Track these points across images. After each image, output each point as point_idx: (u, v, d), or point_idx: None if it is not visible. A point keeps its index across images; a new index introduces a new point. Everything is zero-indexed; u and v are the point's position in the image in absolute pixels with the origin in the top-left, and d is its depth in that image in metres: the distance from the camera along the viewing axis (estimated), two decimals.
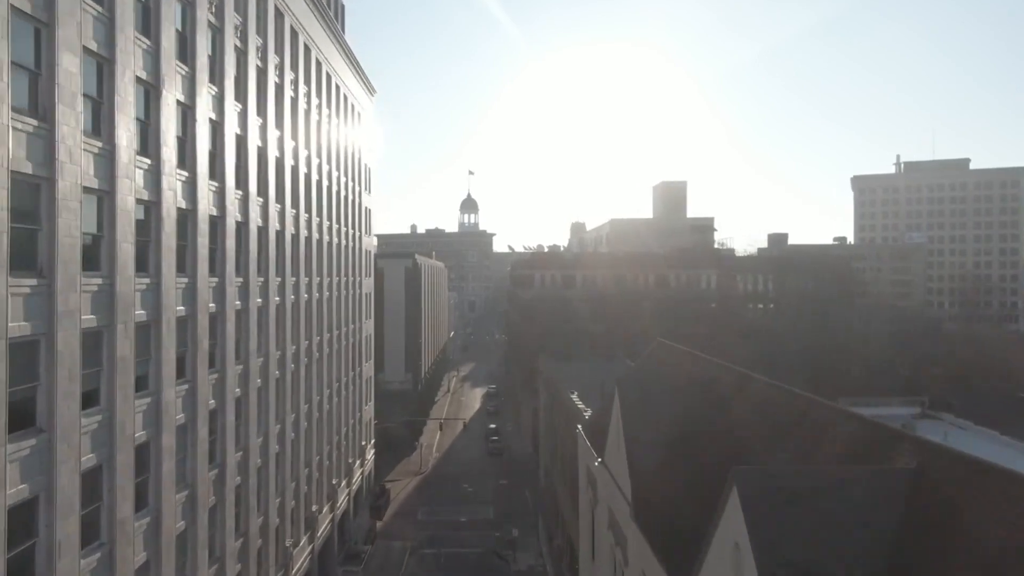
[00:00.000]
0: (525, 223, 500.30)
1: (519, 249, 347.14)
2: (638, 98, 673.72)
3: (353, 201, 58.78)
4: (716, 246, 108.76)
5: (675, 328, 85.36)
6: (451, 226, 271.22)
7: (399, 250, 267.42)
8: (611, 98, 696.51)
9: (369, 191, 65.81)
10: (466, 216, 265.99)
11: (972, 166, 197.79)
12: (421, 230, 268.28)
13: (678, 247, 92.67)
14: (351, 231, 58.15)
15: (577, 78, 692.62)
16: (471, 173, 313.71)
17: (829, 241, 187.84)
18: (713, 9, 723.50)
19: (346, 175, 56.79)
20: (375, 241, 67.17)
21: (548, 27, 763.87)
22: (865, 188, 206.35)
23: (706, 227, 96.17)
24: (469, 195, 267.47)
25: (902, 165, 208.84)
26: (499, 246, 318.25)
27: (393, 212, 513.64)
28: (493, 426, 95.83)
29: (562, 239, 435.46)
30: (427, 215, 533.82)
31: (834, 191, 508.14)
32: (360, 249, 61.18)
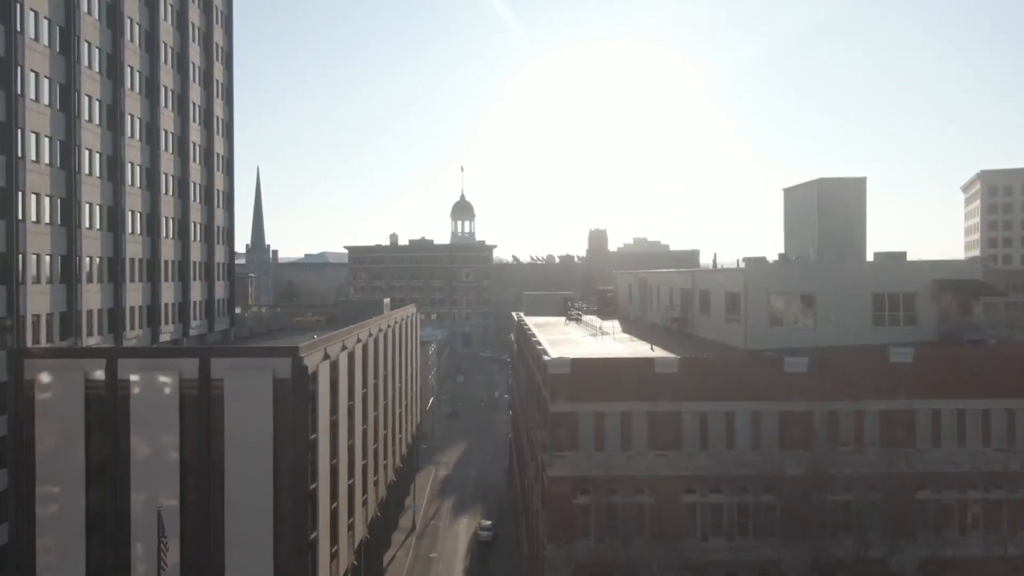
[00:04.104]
0: (531, 232, 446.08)
1: (524, 260, 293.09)
2: (645, 97, 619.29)
3: None
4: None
5: None
6: (443, 237, 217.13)
7: (373, 265, 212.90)
8: (616, 98, 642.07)
9: None
10: (459, 223, 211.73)
11: None
12: (404, 241, 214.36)
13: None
14: None
15: (580, 78, 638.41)
16: (463, 169, 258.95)
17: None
18: (719, 5, 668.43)
19: None
20: None
21: (549, 26, 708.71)
22: (998, 187, 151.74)
23: (975, 284, 41.58)
24: (463, 197, 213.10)
25: None
26: (501, 256, 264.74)
27: (381, 223, 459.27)
28: None
29: (577, 248, 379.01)
30: (422, 227, 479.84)
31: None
32: None
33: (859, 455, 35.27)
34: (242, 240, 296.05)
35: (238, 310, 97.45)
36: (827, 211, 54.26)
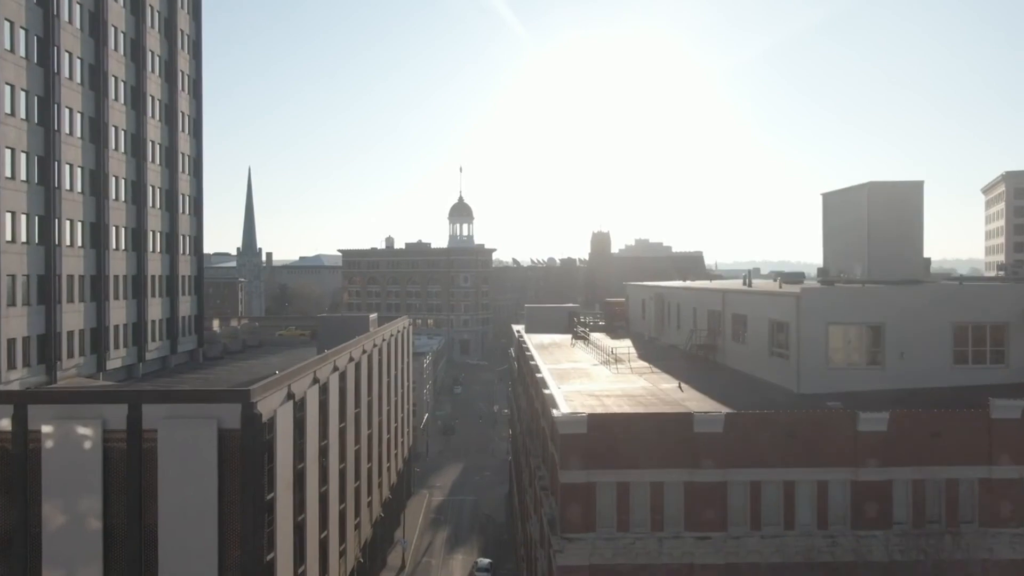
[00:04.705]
0: (531, 234, 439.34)
1: (525, 263, 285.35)
2: (646, 97, 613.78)
3: None
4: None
5: None
6: (440, 240, 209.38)
7: (368, 269, 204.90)
8: (618, 98, 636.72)
9: None
10: (457, 226, 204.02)
11: None
12: (400, 244, 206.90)
13: None
14: None
15: (581, 78, 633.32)
16: (461, 170, 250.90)
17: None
18: (719, 6, 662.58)
19: None
20: None
21: (550, 26, 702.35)
22: None
23: None
24: (461, 199, 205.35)
25: None
26: (500, 258, 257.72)
27: (379, 224, 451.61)
28: None
29: (579, 251, 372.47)
30: (419, 230, 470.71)
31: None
32: None
33: (954, 536, 27.66)
34: (233, 243, 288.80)
35: (216, 325, 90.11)
36: (878, 220, 46.63)
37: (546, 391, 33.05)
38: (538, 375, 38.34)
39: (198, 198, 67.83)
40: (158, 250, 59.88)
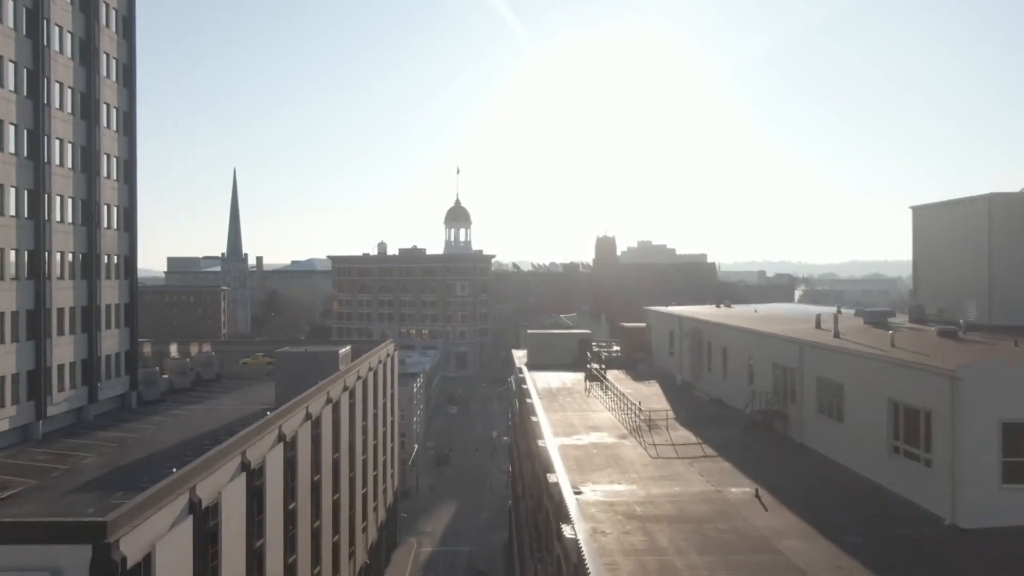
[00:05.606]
0: (531, 237, 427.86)
1: (525, 268, 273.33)
2: (648, 97, 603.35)
3: None
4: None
5: None
6: (436, 246, 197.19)
7: (358, 277, 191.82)
8: (619, 100, 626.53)
9: None
10: (454, 231, 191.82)
11: None
12: (393, 250, 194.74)
13: None
14: None
15: (581, 79, 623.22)
16: (458, 172, 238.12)
17: None
18: (720, 6, 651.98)
19: None
20: None
21: (551, 26, 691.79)
22: None
23: None
24: (458, 202, 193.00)
25: None
26: (500, 260, 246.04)
27: (374, 228, 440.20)
28: None
29: (581, 254, 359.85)
30: (414, 235, 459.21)
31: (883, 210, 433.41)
32: None
33: None
34: (218, 248, 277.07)
35: (173, 350, 78.41)
36: (1004, 245, 34.95)
37: (567, 532, 20.94)
38: (551, 479, 26.26)
39: (130, 209, 55.84)
40: (69, 275, 47.87)
